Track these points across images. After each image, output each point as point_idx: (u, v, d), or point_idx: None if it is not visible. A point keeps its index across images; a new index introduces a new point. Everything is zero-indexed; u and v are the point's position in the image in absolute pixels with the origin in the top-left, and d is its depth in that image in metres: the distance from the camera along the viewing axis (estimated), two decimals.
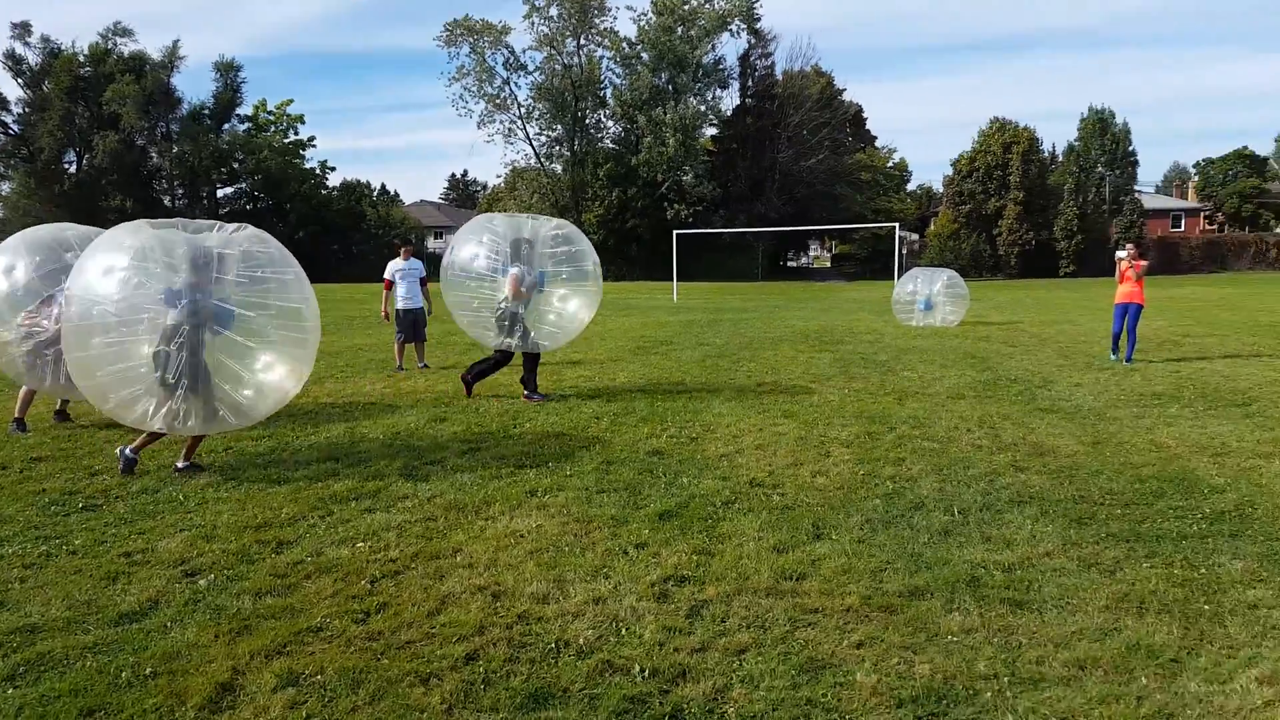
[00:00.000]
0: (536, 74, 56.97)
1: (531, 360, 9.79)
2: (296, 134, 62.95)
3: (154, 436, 6.59)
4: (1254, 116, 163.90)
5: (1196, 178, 74.69)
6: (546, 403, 9.45)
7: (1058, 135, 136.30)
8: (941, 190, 60.92)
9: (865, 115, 69.41)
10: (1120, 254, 13.21)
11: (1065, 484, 6.13)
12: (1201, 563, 4.60)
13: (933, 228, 58.29)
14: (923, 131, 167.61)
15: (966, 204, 53.19)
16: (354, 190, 63.76)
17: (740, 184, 54.78)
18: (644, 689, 3.38)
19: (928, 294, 19.03)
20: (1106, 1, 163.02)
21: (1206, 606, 4.05)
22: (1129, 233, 48.88)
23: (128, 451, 6.58)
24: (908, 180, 76.62)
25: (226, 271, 6.11)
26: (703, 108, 55.48)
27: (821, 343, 15.72)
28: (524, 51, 57.35)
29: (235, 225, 6.42)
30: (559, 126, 57.27)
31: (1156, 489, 5.98)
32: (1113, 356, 12.79)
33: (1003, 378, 11.18)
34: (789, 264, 70.95)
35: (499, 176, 78.90)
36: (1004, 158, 52.14)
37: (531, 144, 58.43)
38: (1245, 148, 69.54)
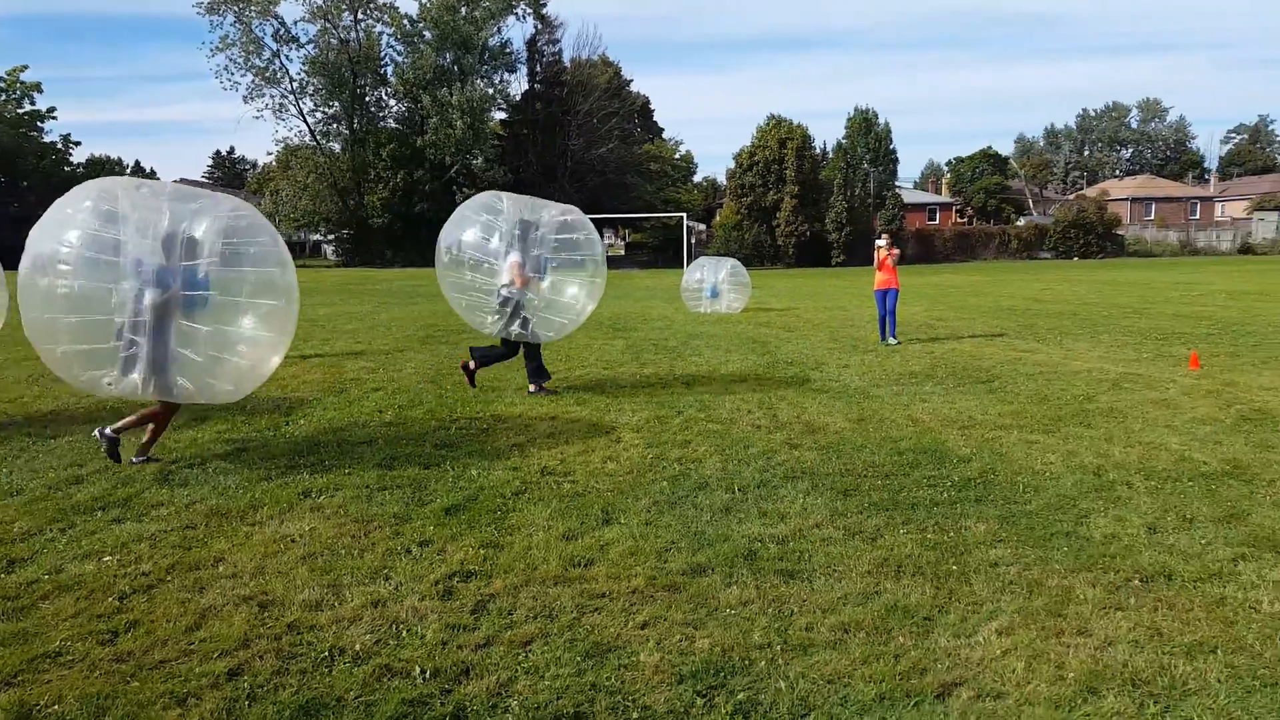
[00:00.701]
0: (310, 47, 53.90)
1: (533, 350, 9.28)
2: (33, 104, 56.20)
3: (144, 419, 6.34)
4: (997, 119, 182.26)
5: (949, 174, 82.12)
6: (549, 396, 9.04)
7: (828, 133, 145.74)
8: (725, 182, 63.40)
9: (653, 107, 71.15)
10: (879, 243, 14.28)
11: (833, 459, 6.53)
12: (950, 526, 5.04)
13: (718, 218, 60.59)
14: (707, 125, 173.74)
15: (748, 196, 55.63)
16: (103, 167, 57.97)
17: (532, 170, 54.53)
18: (424, 691, 3.26)
19: (713, 282, 19.74)
20: (869, 7, 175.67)
21: (955, 567, 4.44)
22: (891, 225, 53.01)
23: (108, 431, 6.29)
24: (694, 172, 79.20)
25: (200, 246, 5.80)
26: (490, 91, 54.69)
27: (615, 330, 15.94)
28: (295, 23, 54.11)
29: (221, 195, 6.11)
30: (336, 103, 54.53)
31: (913, 460, 6.49)
32: (885, 341, 13.79)
33: (780, 361, 11.78)
34: None
35: (270, 154, 73.92)
36: (780, 153, 54.89)
37: (306, 121, 55.28)
38: (990, 148, 77.17)
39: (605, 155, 56.70)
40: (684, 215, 43.20)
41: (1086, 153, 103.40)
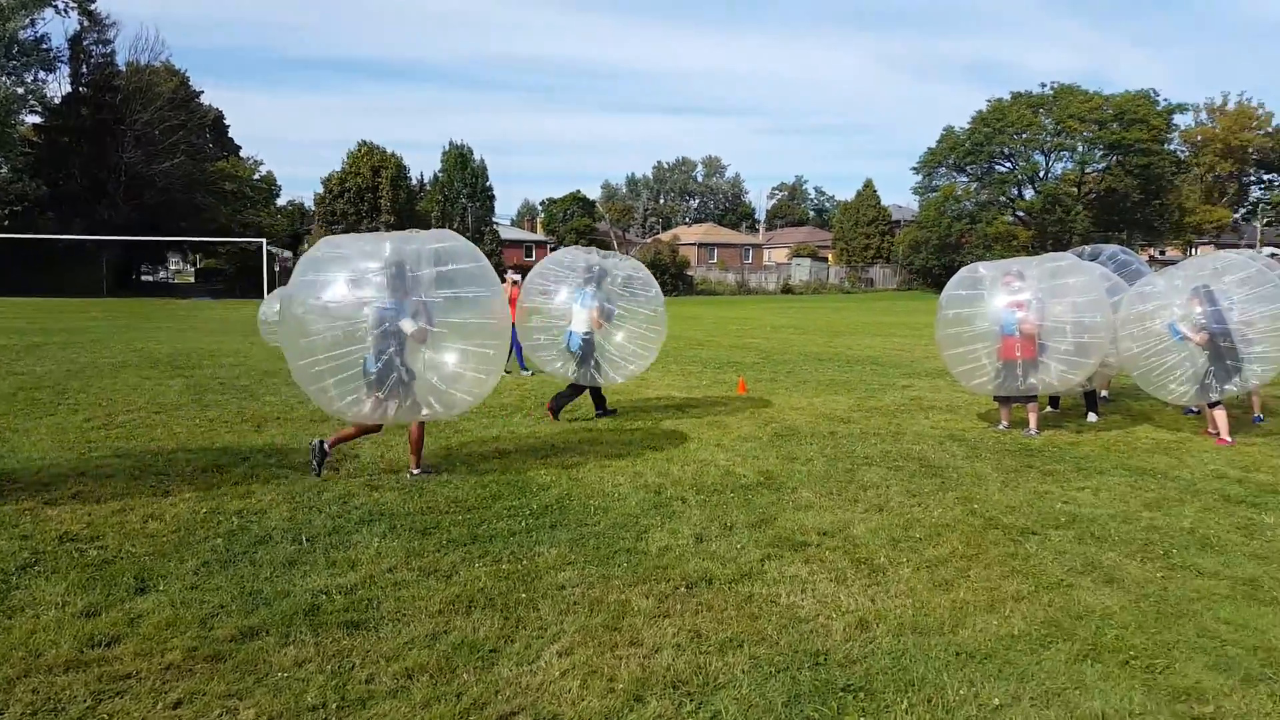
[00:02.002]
0: None
1: (585, 390, 10.04)
2: None
3: (349, 436, 7.17)
4: (586, 164, 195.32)
5: (543, 214, 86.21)
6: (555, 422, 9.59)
7: (424, 165, 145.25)
8: (314, 208, 60.47)
9: (228, 122, 65.69)
10: (515, 277, 14.77)
11: (415, 497, 6.37)
12: (524, 555, 5.13)
13: (306, 246, 57.61)
14: (291, 146, 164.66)
15: (340, 224, 53.56)
16: None
17: (75, 183, 47.27)
18: None
19: None
20: (459, 45, 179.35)
21: (524, 594, 4.50)
22: (491, 260, 54.31)
23: (324, 445, 7.01)
24: (277, 194, 74.32)
25: (421, 277, 6.53)
26: (20, 90, 46.59)
27: (174, 368, 14.20)
28: None
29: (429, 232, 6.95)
30: None
31: (496, 491, 6.55)
32: (525, 372, 14.21)
33: None
34: (144, 278, 63.50)
35: None
36: (374, 181, 53.75)
37: None
38: (579, 191, 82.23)
39: (170, 170, 50.80)
40: (264, 240, 40.26)
41: (662, 200, 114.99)
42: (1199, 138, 60.46)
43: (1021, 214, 60.29)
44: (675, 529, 5.65)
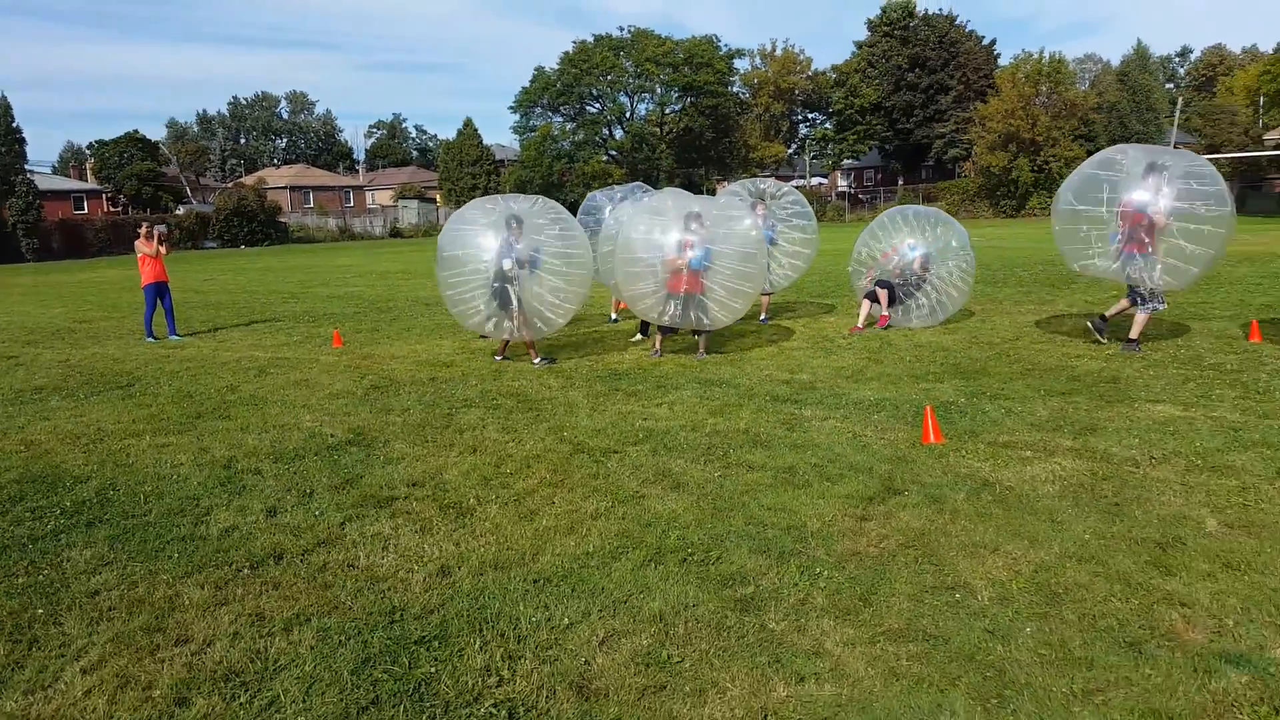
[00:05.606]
0: None
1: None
2: None
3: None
4: (143, 102, 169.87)
5: (93, 159, 74.15)
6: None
7: None
8: None
9: None
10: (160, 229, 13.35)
11: None
12: (48, 563, 4.35)
13: None
14: None
15: None
16: None
17: None
18: None
19: None
20: None
21: (42, 610, 3.81)
22: (27, 215, 45.99)
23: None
24: None
25: (536, 227, 9.16)
26: None
27: None
28: None
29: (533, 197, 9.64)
30: None
31: (17, 493, 5.52)
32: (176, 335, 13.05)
33: None
34: None
35: None
36: None
37: None
38: (137, 131, 71.52)
39: None
40: None
41: (243, 141, 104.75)
42: (756, 80, 67.79)
43: (614, 153, 63.80)
44: (244, 505, 5.15)
